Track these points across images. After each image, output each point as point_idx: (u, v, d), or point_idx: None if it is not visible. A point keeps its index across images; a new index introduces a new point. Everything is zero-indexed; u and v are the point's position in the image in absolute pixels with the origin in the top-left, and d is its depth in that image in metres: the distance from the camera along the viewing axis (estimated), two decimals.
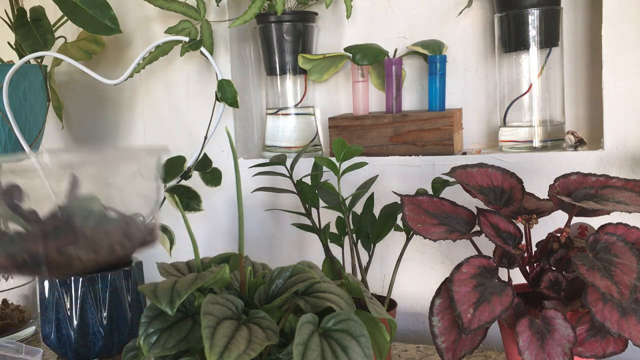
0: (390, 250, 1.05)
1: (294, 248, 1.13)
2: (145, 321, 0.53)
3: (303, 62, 1.10)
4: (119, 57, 1.23)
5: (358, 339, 0.51)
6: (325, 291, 0.56)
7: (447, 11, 1.08)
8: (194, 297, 0.56)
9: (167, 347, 0.51)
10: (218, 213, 1.18)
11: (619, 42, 0.91)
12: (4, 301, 1.11)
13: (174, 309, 0.50)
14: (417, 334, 1.07)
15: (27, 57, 1.07)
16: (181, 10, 1.08)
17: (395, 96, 1.06)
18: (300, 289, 0.56)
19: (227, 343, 0.48)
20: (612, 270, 0.64)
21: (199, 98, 1.18)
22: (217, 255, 0.64)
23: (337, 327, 0.52)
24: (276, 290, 0.58)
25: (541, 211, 0.76)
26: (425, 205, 0.75)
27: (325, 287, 0.57)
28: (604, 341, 0.67)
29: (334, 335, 0.52)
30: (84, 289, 0.95)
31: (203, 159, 1.03)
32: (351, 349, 0.51)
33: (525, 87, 0.98)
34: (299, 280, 0.57)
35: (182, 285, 0.52)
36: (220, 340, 0.48)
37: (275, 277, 0.59)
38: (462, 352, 0.70)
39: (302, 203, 0.85)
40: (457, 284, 0.67)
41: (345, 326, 0.52)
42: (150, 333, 0.52)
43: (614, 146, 0.92)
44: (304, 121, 1.14)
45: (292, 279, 0.58)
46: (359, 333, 0.52)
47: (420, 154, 1.02)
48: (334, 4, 1.13)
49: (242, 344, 0.48)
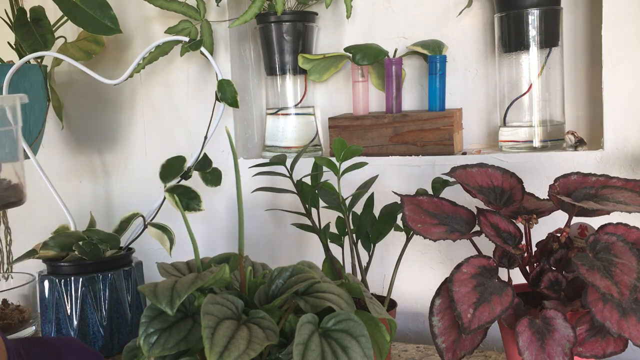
0: (390, 250, 1.05)
1: (294, 248, 1.13)
2: (145, 321, 0.53)
3: (303, 62, 1.10)
4: (119, 57, 1.23)
5: (358, 339, 0.51)
6: (325, 291, 0.56)
7: (447, 11, 1.08)
8: (194, 297, 0.56)
9: (167, 347, 0.51)
10: (218, 213, 1.18)
11: (619, 42, 0.91)
12: (4, 301, 1.11)
13: (174, 309, 0.50)
14: (417, 334, 1.07)
15: (27, 57, 1.07)
16: (181, 10, 1.08)
17: (395, 96, 1.06)
18: (300, 289, 0.56)
19: (227, 343, 0.48)
20: (612, 270, 0.64)
21: (199, 98, 1.18)
22: (217, 255, 0.64)
23: (337, 327, 0.52)
24: (276, 290, 0.57)
25: (541, 211, 0.76)
26: (425, 205, 0.75)
27: (325, 287, 0.56)
28: (604, 341, 0.67)
29: (334, 335, 0.52)
30: (84, 289, 0.95)
31: (203, 159, 1.03)
32: (351, 349, 0.51)
33: (525, 87, 0.98)
34: (299, 280, 0.57)
35: (182, 285, 0.52)
36: (220, 340, 0.47)
37: (275, 277, 0.59)
38: (462, 352, 0.70)
39: (302, 203, 0.85)
40: (457, 284, 0.67)
41: (345, 326, 0.52)
42: (150, 333, 0.52)
43: (614, 146, 0.92)
44: (304, 121, 1.14)
45: (292, 279, 0.58)
46: (359, 333, 0.52)
47: (420, 154, 1.02)
48: (334, 4, 1.13)
49: (242, 344, 0.48)
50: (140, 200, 1.23)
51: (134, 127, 1.24)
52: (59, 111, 1.22)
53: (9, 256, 1.27)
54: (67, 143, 1.31)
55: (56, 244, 0.97)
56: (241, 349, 0.47)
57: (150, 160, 1.23)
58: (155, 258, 1.17)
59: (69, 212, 1.07)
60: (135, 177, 1.25)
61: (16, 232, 1.29)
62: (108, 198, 1.28)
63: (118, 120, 1.26)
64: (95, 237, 0.99)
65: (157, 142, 1.22)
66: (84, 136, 1.29)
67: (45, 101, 1.16)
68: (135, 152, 1.25)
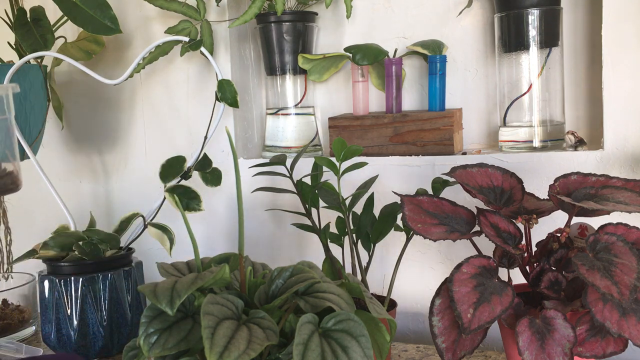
0: (390, 250, 1.05)
1: (294, 248, 1.13)
2: (145, 321, 0.53)
3: (303, 62, 1.10)
4: (119, 57, 1.23)
5: (358, 339, 0.52)
6: (325, 291, 0.56)
7: (447, 11, 1.08)
8: (194, 297, 0.56)
9: (167, 347, 0.52)
10: (218, 213, 1.18)
11: (619, 42, 0.91)
12: (4, 301, 1.11)
13: (174, 309, 0.50)
14: (417, 334, 1.07)
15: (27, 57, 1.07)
16: (181, 10, 1.08)
17: (395, 96, 1.06)
18: (300, 289, 0.57)
19: (227, 343, 0.48)
20: (612, 270, 0.64)
21: (199, 98, 1.18)
22: (217, 255, 0.64)
23: (337, 327, 0.52)
24: (276, 290, 0.58)
25: (541, 211, 0.76)
26: (425, 205, 0.75)
27: (325, 287, 0.57)
28: (604, 341, 0.67)
29: (334, 335, 0.52)
30: (84, 289, 0.95)
31: (203, 159, 1.03)
32: (351, 349, 0.51)
33: (525, 87, 0.98)
34: (299, 280, 0.57)
35: (182, 285, 0.52)
36: (220, 340, 0.48)
37: (275, 277, 0.59)
38: (462, 352, 0.70)
39: (302, 203, 0.85)
40: (457, 284, 0.67)
41: (345, 326, 0.52)
42: (150, 333, 0.52)
43: (614, 146, 0.92)
44: (304, 121, 1.14)
45: (292, 279, 0.58)
46: (359, 333, 0.52)
47: (420, 154, 1.02)
48: (334, 4, 1.13)
49: (242, 344, 0.48)
50: (140, 200, 1.23)
51: (134, 127, 1.24)
52: (59, 111, 1.22)
53: (9, 256, 1.27)
54: (67, 143, 1.31)
55: (56, 244, 0.97)
56: (241, 349, 0.47)
57: (150, 160, 1.23)
58: (155, 258, 1.17)
59: (69, 212, 1.07)
60: (135, 177, 1.25)
61: (16, 232, 1.29)
62: (108, 198, 1.28)
63: (118, 120, 1.25)
64: (95, 237, 0.99)
65: (157, 142, 1.22)
66: (84, 136, 1.29)
67: (45, 101, 1.16)
68: (135, 152, 1.25)
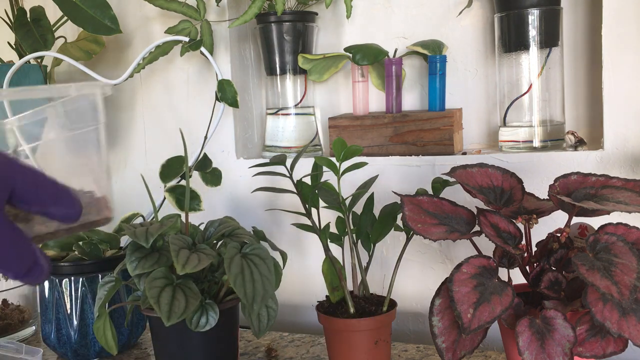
0: (390, 250, 1.05)
1: (293, 248, 1.13)
2: (129, 252, 0.80)
3: (303, 62, 1.10)
4: (119, 57, 1.23)
5: (265, 260, 0.79)
6: (243, 234, 0.85)
7: (447, 11, 1.08)
8: (159, 239, 0.83)
9: (145, 267, 0.78)
10: (218, 213, 1.18)
11: (619, 42, 0.91)
12: (4, 301, 1.11)
13: (149, 244, 0.78)
14: (417, 334, 1.07)
15: (27, 57, 1.07)
16: (181, 10, 1.08)
17: (395, 96, 1.06)
18: (227, 232, 0.85)
19: (186, 260, 0.76)
20: (612, 270, 0.64)
21: (199, 98, 1.18)
22: (168, 214, 0.96)
23: (251, 252, 0.79)
24: (209, 235, 0.86)
25: (541, 211, 0.76)
26: (425, 205, 0.75)
27: (242, 231, 0.85)
28: (604, 341, 0.67)
29: (249, 256, 0.79)
30: (84, 289, 0.95)
31: (203, 159, 1.03)
32: (260, 265, 0.78)
33: (525, 87, 0.98)
34: (225, 227, 0.85)
35: (153, 228, 0.81)
36: (182, 258, 0.76)
37: (209, 226, 0.87)
38: (462, 352, 0.70)
39: (302, 203, 0.85)
40: (457, 284, 0.67)
41: (257, 251, 0.80)
42: (132, 260, 0.79)
43: (614, 146, 0.92)
44: (304, 121, 1.14)
45: (220, 226, 0.86)
46: (265, 256, 0.79)
47: (420, 154, 1.02)
48: (334, 4, 1.13)
49: (195, 260, 0.76)
50: (140, 200, 1.23)
51: (134, 127, 1.24)
52: None
53: None
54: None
55: (56, 244, 0.97)
56: (196, 262, 0.76)
57: (150, 160, 1.23)
58: None
59: None
60: (135, 177, 1.25)
61: None
62: None
63: (118, 120, 1.25)
64: (95, 237, 0.99)
65: (157, 142, 1.22)
66: None
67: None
68: (135, 152, 1.25)
